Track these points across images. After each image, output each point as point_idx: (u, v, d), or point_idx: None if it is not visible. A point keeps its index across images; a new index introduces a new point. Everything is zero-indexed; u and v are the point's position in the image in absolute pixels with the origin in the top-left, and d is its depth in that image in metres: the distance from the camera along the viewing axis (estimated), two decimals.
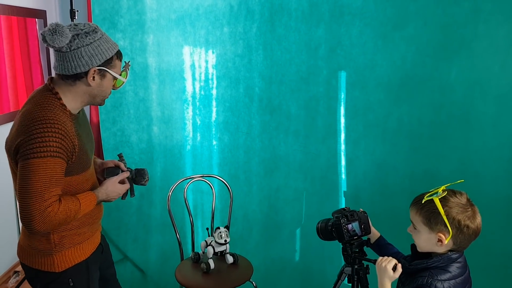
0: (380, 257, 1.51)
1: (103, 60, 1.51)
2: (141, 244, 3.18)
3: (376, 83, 2.69)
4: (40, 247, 1.58)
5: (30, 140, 1.41)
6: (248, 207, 3.03)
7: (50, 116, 1.46)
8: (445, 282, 1.42)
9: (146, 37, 2.89)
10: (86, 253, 1.67)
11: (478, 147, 2.55)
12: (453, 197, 1.45)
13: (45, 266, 1.58)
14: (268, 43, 2.80)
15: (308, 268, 2.96)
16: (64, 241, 1.59)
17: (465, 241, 1.46)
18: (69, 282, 1.61)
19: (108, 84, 1.58)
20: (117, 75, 1.58)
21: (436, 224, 1.44)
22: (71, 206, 1.51)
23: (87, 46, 1.48)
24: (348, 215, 1.67)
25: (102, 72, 1.54)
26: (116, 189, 1.71)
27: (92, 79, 1.53)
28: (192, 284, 2.35)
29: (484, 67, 2.49)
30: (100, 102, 1.64)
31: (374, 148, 2.76)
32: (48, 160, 1.41)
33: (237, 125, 2.96)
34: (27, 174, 1.40)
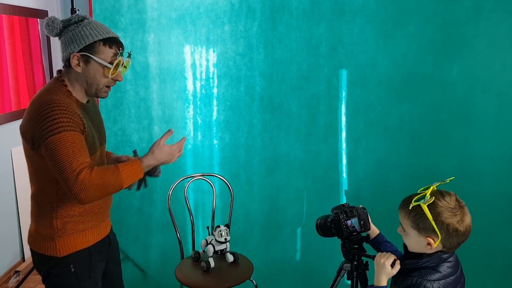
0: (379, 253, 1.50)
1: (82, 45, 1.55)
2: (142, 244, 3.18)
3: (377, 81, 2.68)
4: (44, 232, 1.63)
5: (41, 123, 1.48)
6: (249, 206, 3.02)
7: (55, 98, 1.52)
8: (435, 282, 1.41)
9: (147, 36, 2.89)
10: (89, 241, 1.69)
11: (479, 145, 2.54)
12: (441, 201, 1.42)
13: (48, 251, 1.62)
14: (269, 42, 2.80)
15: (309, 268, 2.95)
16: (67, 227, 1.63)
17: (455, 243, 1.43)
18: (70, 267, 1.63)
19: (94, 71, 1.58)
20: (104, 62, 1.57)
21: (424, 229, 1.41)
22: (106, 172, 1.53)
23: (71, 33, 1.55)
24: (347, 211, 1.66)
25: (85, 58, 1.56)
26: (165, 150, 1.69)
27: (76, 65, 1.57)
28: (192, 282, 2.34)
29: (486, 65, 2.48)
30: (96, 93, 1.64)
31: (375, 147, 2.75)
32: (63, 135, 1.47)
33: (238, 124, 2.96)
34: (51, 152, 1.47)
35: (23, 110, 3.53)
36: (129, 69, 2.99)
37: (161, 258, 3.14)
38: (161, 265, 3.13)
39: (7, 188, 3.42)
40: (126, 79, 2.97)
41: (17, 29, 3.47)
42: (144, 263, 3.16)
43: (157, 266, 3.14)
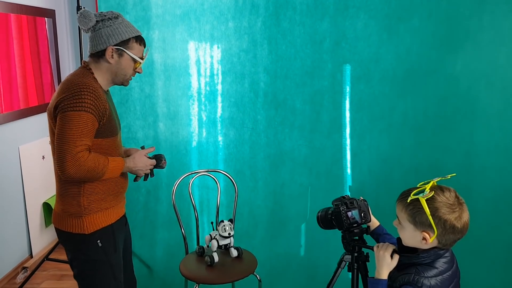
0: (377, 244, 1.50)
1: (119, 40, 1.77)
2: (147, 240, 3.20)
3: (381, 76, 2.68)
4: (72, 211, 1.78)
5: (68, 98, 1.66)
6: (254, 202, 3.02)
7: (86, 81, 1.72)
8: (432, 278, 1.39)
9: (152, 33, 2.92)
10: (112, 219, 1.88)
11: (483, 140, 2.53)
12: (440, 196, 1.40)
13: (76, 228, 1.79)
14: (273, 38, 2.81)
15: (313, 263, 2.94)
16: (92, 205, 1.80)
17: (451, 240, 1.41)
18: (97, 243, 1.82)
19: (126, 64, 1.82)
20: (135, 57, 1.82)
21: (421, 223, 1.40)
22: (100, 159, 1.72)
23: (107, 28, 1.76)
24: (348, 203, 1.66)
25: (119, 51, 1.79)
26: (143, 160, 1.93)
27: (110, 57, 1.79)
28: (196, 276, 2.36)
29: (490, 59, 2.47)
30: (123, 82, 1.88)
31: (379, 142, 2.74)
32: (82, 114, 1.65)
33: (242, 120, 2.97)
34: (64, 124, 1.64)
35: (31, 108, 3.58)
36: None
37: (166, 254, 3.16)
38: (166, 261, 3.15)
39: (15, 185, 3.46)
40: None
41: (25, 28, 3.52)
42: (150, 259, 3.18)
43: (163, 262, 3.16)
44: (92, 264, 1.84)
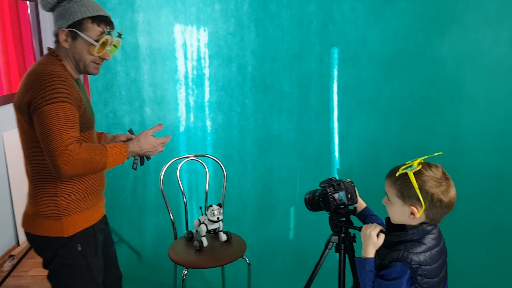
0: (366, 225, 1.51)
1: (70, 21, 1.57)
2: (136, 226, 3.19)
3: (368, 59, 2.68)
4: (48, 212, 1.61)
5: (40, 91, 1.48)
6: (243, 187, 3.03)
7: (55, 70, 1.54)
8: (421, 254, 1.42)
9: (136, 16, 2.86)
10: (93, 219, 1.71)
11: (469, 121, 2.55)
12: (428, 171, 1.43)
13: (54, 232, 1.62)
14: (260, 20, 2.78)
15: (302, 246, 2.97)
16: (71, 206, 1.63)
17: (438, 214, 1.44)
18: (77, 247, 1.65)
19: (81, 48, 1.60)
20: (90, 39, 1.59)
21: (409, 197, 1.42)
22: (95, 148, 1.55)
23: (62, 8, 1.58)
24: (335, 185, 1.66)
25: (73, 34, 1.59)
26: (150, 140, 1.73)
27: (64, 41, 1.59)
28: (185, 261, 2.35)
29: (476, 41, 2.48)
30: (85, 69, 1.66)
31: (367, 125, 2.75)
32: (60, 105, 1.48)
33: (230, 104, 2.95)
34: (44, 120, 1.46)
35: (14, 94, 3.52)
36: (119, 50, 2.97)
37: (155, 240, 3.16)
38: (155, 246, 3.15)
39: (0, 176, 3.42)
40: (116, 60, 2.95)
41: (6, 12, 3.44)
42: (139, 245, 3.18)
43: (152, 247, 3.16)
44: (69, 268, 1.66)
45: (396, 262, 1.42)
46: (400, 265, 1.41)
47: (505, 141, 2.51)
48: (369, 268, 1.45)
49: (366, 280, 1.43)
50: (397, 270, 1.41)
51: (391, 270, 1.42)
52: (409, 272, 1.40)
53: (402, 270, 1.40)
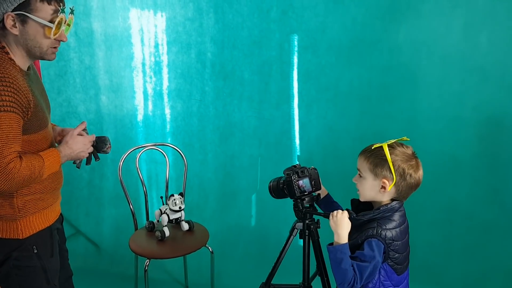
0: (335, 211, 1.52)
1: (16, 3, 1.37)
2: (93, 217, 3.11)
3: (328, 46, 2.70)
4: (2, 213, 1.50)
5: None
6: (204, 175, 3.00)
7: (0, 70, 1.36)
8: (392, 230, 1.48)
9: (90, 0, 2.75)
10: (50, 220, 1.61)
11: (424, 107, 2.63)
12: (400, 147, 1.52)
13: (8, 233, 1.51)
14: (219, 6, 2.74)
15: (264, 233, 2.99)
16: (28, 206, 1.53)
17: (406, 190, 1.51)
18: (33, 249, 1.55)
19: (34, 32, 1.43)
20: (43, 21, 1.41)
21: (381, 170, 1.49)
22: (34, 163, 1.43)
23: None
24: (299, 172, 1.68)
25: (21, 18, 1.40)
26: (78, 140, 1.61)
27: (12, 26, 1.41)
28: (146, 252, 2.31)
29: (430, 28, 2.54)
30: (42, 55, 1.50)
31: (326, 112, 2.78)
32: (2, 115, 1.33)
33: (189, 92, 2.91)
34: None
35: None
36: (72, 35, 2.84)
37: (114, 231, 3.09)
38: (115, 238, 3.08)
39: None
40: (69, 47, 2.83)
41: None
42: (97, 236, 3.10)
43: (111, 239, 3.09)
44: (22, 271, 1.55)
45: (370, 238, 1.47)
46: (375, 240, 1.46)
47: (458, 125, 2.61)
48: (347, 253, 1.47)
49: (346, 265, 1.45)
50: (373, 246, 1.46)
51: (366, 247, 1.47)
52: (383, 247, 1.47)
53: (377, 245, 1.46)
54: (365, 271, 1.45)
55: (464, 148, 2.61)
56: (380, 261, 1.47)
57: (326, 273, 1.78)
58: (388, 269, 1.50)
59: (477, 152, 2.60)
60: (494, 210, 2.61)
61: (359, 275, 1.45)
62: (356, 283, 1.45)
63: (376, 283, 1.50)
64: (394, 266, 1.51)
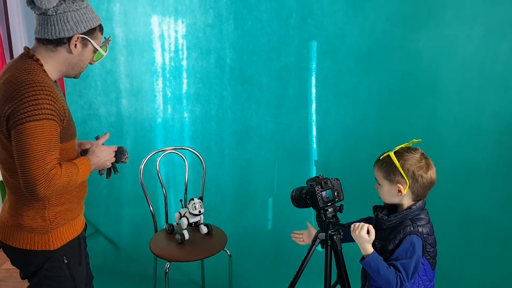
0: (352, 225, 1.58)
1: (87, 29, 1.50)
2: (113, 217, 3.16)
3: (346, 53, 2.71)
4: (34, 226, 1.54)
5: (23, 104, 1.37)
6: (221, 178, 3.04)
7: (39, 79, 1.42)
8: (425, 226, 1.58)
9: (112, 6, 2.80)
10: (78, 229, 1.67)
11: (443, 114, 2.64)
12: (408, 152, 1.61)
13: (40, 245, 1.55)
14: (239, 12, 2.77)
15: (280, 236, 3.02)
16: (59, 218, 1.57)
17: (422, 189, 1.60)
18: (63, 259, 1.59)
19: (88, 55, 1.57)
20: (98, 47, 1.57)
21: (394, 176, 1.59)
22: (71, 170, 1.48)
23: (73, 12, 1.46)
24: (322, 183, 1.70)
25: (84, 41, 1.53)
26: (103, 149, 1.69)
27: (74, 46, 1.51)
28: (167, 255, 2.36)
29: (451, 36, 2.54)
30: (76, 74, 1.61)
31: (344, 117, 2.80)
32: (44, 123, 1.39)
33: (208, 96, 2.94)
34: (25, 138, 1.37)
35: None
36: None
37: (133, 231, 3.15)
38: (133, 238, 3.14)
39: None
40: None
41: None
42: (116, 236, 3.16)
43: (129, 239, 3.15)
44: (53, 281, 1.60)
45: (409, 235, 1.55)
46: (414, 236, 1.55)
47: (477, 133, 2.61)
48: (379, 260, 1.55)
49: (385, 270, 1.53)
50: (413, 241, 1.54)
51: (407, 244, 1.55)
52: (422, 242, 1.55)
53: (417, 241, 1.54)
54: (409, 268, 1.53)
55: (483, 155, 2.62)
56: (420, 256, 1.55)
57: (348, 282, 1.81)
58: (426, 264, 1.60)
59: (496, 160, 2.60)
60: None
61: (405, 273, 1.53)
62: (404, 281, 1.53)
63: (416, 278, 1.59)
64: (430, 261, 1.60)
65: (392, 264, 1.54)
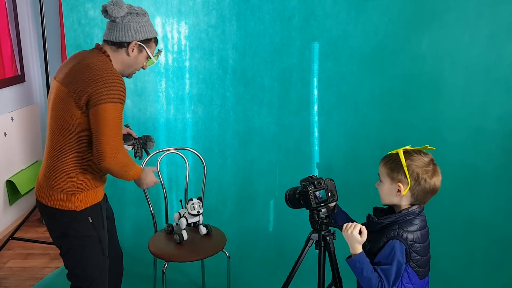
0: (345, 224, 1.56)
1: (144, 38, 1.85)
2: (115, 217, 3.16)
3: (349, 54, 2.69)
4: (65, 187, 1.82)
5: (106, 87, 1.69)
6: (223, 179, 3.03)
7: (114, 70, 1.77)
8: (414, 232, 1.54)
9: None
10: (99, 197, 1.95)
11: (446, 117, 2.60)
12: (418, 154, 1.58)
13: (67, 205, 1.83)
14: (242, 14, 2.77)
15: (281, 239, 3.00)
16: (84, 183, 1.85)
17: (422, 194, 1.56)
18: (88, 219, 1.88)
19: (142, 60, 1.90)
20: (151, 55, 1.91)
21: (397, 175, 1.56)
22: (130, 161, 1.87)
23: (135, 23, 1.82)
24: (315, 183, 1.70)
25: (140, 48, 1.86)
26: (150, 176, 2.06)
27: (131, 50, 1.85)
28: (165, 254, 2.36)
29: (454, 38, 2.51)
30: (129, 74, 1.95)
31: (346, 120, 2.78)
32: (119, 106, 1.73)
33: (211, 97, 2.95)
34: (106, 116, 1.69)
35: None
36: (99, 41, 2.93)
37: (135, 231, 3.16)
38: (135, 238, 3.15)
39: None
40: None
41: None
42: (119, 236, 3.15)
43: (131, 239, 3.16)
44: (82, 240, 1.88)
45: (392, 239, 1.52)
46: (397, 241, 1.51)
47: (481, 137, 2.57)
48: (364, 261, 1.53)
49: (369, 272, 1.50)
50: (393, 246, 1.51)
51: (388, 248, 1.52)
52: (405, 248, 1.51)
53: (398, 246, 1.51)
54: (390, 274, 1.50)
55: (487, 160, 2.57)
56: (403, 263, 1.52)
57: (341, 283, 1.79)
58: (411, 272, 1.55)
59: (500, 164, 2.55)
60: None
61: (385, 279, 1.50)
62: (384, 287, 1.49)
63: (398, 285, 1.55)
64: (416, 269, 1.56)
65: (374, 268, 1.52)
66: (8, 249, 3.35)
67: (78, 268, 1.92)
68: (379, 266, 1.51)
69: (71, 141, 1.77)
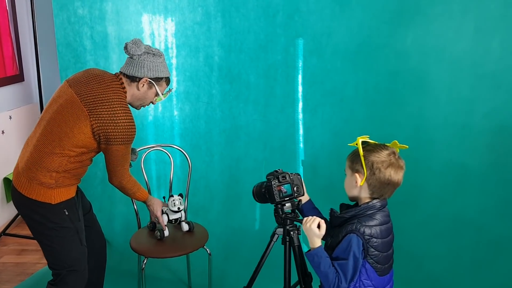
0: (304, 218, 1.53)
1: (155, 76, 1.99)
2: (106, 214, 3.20)
3: (333, 51, 2.67)
4: (43, 181, 1.93)
5: (123, 132, 1.90)
6: (210, 177, 3.03)
7: (129, 110, 1.94)
8: (372, 227, 1.50)
9: (105, 5, 2.85)
10: (72, 193, 2.08)
11: (432, 113, 2.55)
12: (379, 147, 1.56)
13: (44, 198, 1.95)
14: (227, 10, 2.77)
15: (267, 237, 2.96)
16: (61, 181, 1.97)
17: (379, 185, 1.53)
18: (64, 211, 2.00)
19: (151, 96, 2.05)
20: (159, 92, 2.05)
21: (356, 165, 1.56)
22: (136, 183, 2.19)
23: (150, 62, 1.97)
24: (280, 177, 1.68)
25: (150, 84, 2.01)
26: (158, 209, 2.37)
27: (142, 86, 2.00)
28: (145, 250, 2.36)
29: (439, 33, 2.47)
30: (137, 106, 2.10)
31: (331, 117, 2.75)
32: (128, 146, 1.98)
33: (197, 95, 2.95)
34: (117, 154, 1.96)
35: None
36: (88, 39, 2.97)
37: (124, 229, 3.17)
38: (124, 235, 3.16)
39: None
40: (86, 50, 2.94)
41: None
42: (108, 233, 3.18)
43: (121, 236, 3.17)
44: (59, 231, 2.00)
45: (350, 233, 1.49)
46: (353, 236, 1.48)
47: (468, 133, 2.52)
48: (322, 256, 1.50)
49: (326, 267, 1.48)
50: (350, 240, 1.48)
51: (345, 242, 1.49)
52: (362, 242, 1.48)
53: (355, 240, 1.48)
54: (347, 269, 1.47)
55: (474, 157, 2.51)
56: (359, 258, 1.48)
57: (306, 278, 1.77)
58: (369, 268, 1.52)
59: (487, 162, 2.50)
60: (504, 222, 2.50)
61: (342, 274, 1.47)
62: (341, 282, 1.47)
63: (356, 281, 1.52)
64: (374, 265, 1.52)
65: (332, 263, 1.49)
66: (3, 245, 3.40)
67: (58, 258, 2.05)
68: (337, 261, 1.48)
69: (66, 147, 1.89)
